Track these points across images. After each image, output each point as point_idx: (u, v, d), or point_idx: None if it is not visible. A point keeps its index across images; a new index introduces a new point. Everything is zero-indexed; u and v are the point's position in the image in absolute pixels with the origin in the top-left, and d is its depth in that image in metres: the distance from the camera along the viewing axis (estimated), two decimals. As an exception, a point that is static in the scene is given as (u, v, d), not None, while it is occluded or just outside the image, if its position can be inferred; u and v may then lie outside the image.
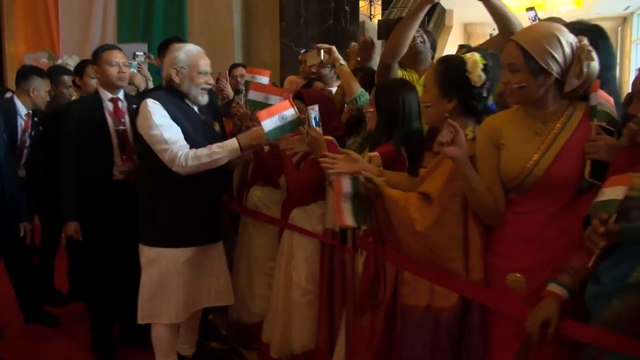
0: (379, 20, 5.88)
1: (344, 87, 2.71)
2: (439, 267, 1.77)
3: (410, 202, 1.79)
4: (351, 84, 2.64)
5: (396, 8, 9.47)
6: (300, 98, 2.56)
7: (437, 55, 2.59)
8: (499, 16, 2.26)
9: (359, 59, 3.22)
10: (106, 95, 2.97)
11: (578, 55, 1.59)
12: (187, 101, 2.56)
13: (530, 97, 1.65)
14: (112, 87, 2.98)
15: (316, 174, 2.44)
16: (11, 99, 3.55)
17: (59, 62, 5.52)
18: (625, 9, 11.40)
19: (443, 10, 12.26)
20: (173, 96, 2.52)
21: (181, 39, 3.32)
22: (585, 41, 1.62)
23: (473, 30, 13.14)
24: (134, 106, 2.85)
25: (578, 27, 1.82)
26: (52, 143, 3.11)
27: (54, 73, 3.91)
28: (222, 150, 2.40)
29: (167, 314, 2.56)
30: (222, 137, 2.77)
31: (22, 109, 3.52)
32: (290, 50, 5.63)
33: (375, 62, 2.91)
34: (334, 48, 2.74)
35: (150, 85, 4.06)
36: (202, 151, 2.38)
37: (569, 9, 11.16)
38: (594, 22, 2.04)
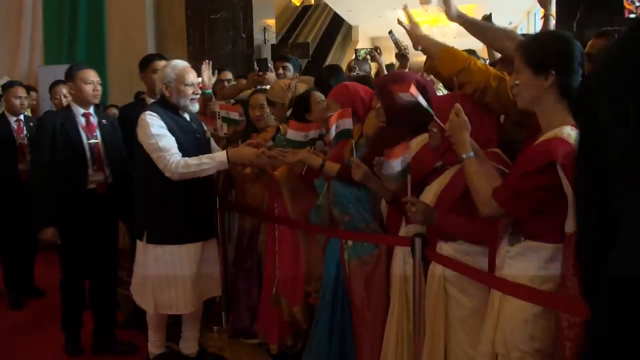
0: (272, 44, 6.97)
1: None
2: None
3: None
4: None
5: (300, 34, 10.89)
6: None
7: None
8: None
9: (256, 87, 3.69)
10: (79, 110, 3.13)
11: None
12: (179, 112, 2.80)
13: None
14: (85, 104, 3.14)
15: None
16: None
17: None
18: (509, 23, 12.91)
19: (350, 27, 13.52)
20: (166, 108, 2.75)
21: (164, 57, 3.46)
22: None
23: (379, 43, 14.42)
24: (104, 121, 3.21)
25: None
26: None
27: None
28: (211, 161, 2.65)
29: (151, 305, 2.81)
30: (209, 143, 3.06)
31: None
32: (197, 71, 6.53)
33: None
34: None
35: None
36: (192, 160, 2.62)
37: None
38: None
